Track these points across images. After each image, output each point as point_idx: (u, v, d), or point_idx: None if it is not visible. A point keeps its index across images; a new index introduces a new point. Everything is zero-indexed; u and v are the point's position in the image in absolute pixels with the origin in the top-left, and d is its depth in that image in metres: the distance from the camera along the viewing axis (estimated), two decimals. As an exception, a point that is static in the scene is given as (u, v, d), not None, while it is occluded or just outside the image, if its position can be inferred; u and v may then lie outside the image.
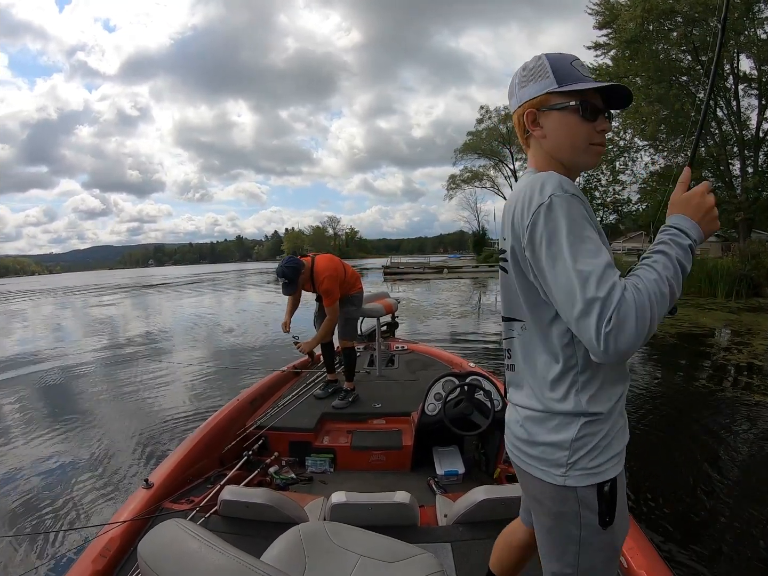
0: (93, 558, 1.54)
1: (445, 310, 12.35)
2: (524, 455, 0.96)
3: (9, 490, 3.27)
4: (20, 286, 52.89)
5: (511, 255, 0.92)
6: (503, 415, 2.47)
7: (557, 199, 0.81)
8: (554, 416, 0.90)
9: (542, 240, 0.81)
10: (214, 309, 16.77)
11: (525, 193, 0.86)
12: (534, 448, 0.94)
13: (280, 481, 2.53)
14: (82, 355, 8.41)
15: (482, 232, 54.37)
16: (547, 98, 0.93)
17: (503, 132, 41.86)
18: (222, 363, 7.43)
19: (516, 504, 1.75)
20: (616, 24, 18.69)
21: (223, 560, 0.75)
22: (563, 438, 0.89)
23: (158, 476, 2.06)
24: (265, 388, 3.39)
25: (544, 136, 0.95)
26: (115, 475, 3.43)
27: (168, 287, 31.83)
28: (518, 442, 0.98)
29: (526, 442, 0.96)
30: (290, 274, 3.03)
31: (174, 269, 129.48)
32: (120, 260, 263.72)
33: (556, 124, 0.93)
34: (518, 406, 1.00)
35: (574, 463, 0.88)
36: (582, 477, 0.88)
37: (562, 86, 0.91)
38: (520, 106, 0.97)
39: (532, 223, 0.82)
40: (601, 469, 0.88)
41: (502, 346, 1.08)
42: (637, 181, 25.44)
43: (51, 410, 5.30)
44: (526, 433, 0.95)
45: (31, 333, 12.68)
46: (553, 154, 0.96)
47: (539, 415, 0.93)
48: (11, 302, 26.09)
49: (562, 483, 0.89)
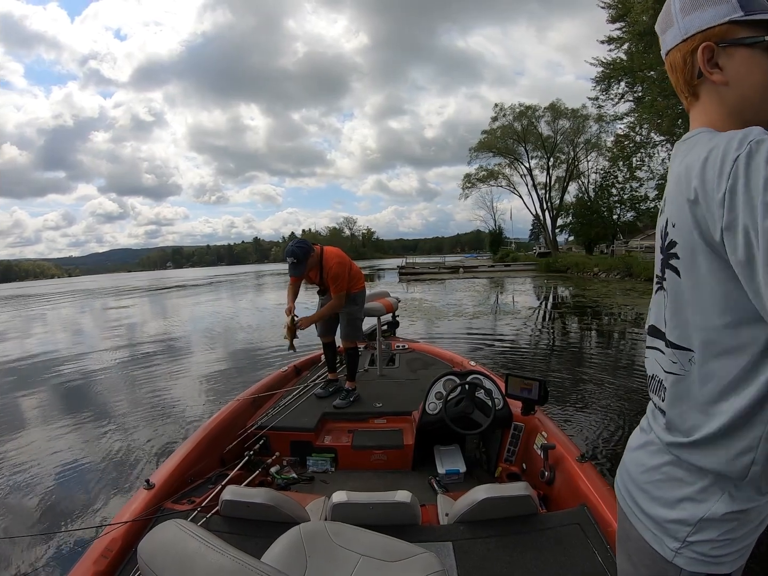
0: (94, 559, 1.55)
1: (457, 310, 12.25)
2: (639, 509, 0.80)
3: (9, 489, 3.31)
4: (39, 290, 53.89)
5: (688, 248, 0.66)
6: (504, 413, 2.54)
7: (764, 144, 0.56)
8: (699, 480, 0.72)
9: (753, 197, 0.54)
10: (229, 310, 16.85)
11: (710, 158, 0.61)
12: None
13: (281, 481, 2.54)
14: (98, 355, 8.55)
15: (499, 231, 54.02)
16: (730, 29, 0.68)
17: (518, 130, 41.45)
18: (227, 363, 7.46)
19: (517, 503, 1.76)
20: (629, 17, 18.41)
21: (222, 560, 0.75)
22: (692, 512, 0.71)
23: (159, 476, 2.07)
24: (266, 387, 3.40)
25: (726, 83, 0.70)
26: (118, 475, 3.46)
27: (186, 289, 32.27)
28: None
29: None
30: (300, 254, 2.97)
31: (192, 271, 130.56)
32: (138, 263, 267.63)
33: (746, 66, 0.68)
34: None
35: (693, 543, 0.71)
36: (695, 562, 0.71)
37: (750, 14, 0.67)
38: (685, 40, 0.71)
39: (730, 188, 0.57)
40: (721, 560, 0.70)
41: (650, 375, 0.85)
42: (654, 178, 25.07)
43: (62, 409, 5.41)
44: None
45: (59, 335, 12.93)
46: (738, 109, 0.71)
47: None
48: (31, 306, 26.69)
49: (670, 558, 0.73)
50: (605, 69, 21.99)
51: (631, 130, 23.13)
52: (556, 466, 2.16)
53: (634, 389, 5.00)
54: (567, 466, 2.08)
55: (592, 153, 38.17)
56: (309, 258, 3.03)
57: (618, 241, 35.47)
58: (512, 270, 32.84)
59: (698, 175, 0.62)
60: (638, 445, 0.83)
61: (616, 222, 34.81)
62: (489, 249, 57.41)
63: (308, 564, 1.22)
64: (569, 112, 39.05)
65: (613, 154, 27.98)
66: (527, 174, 42.68)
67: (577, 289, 18.31)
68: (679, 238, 0.67)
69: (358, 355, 3.56)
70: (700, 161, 0.63)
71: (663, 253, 0.74)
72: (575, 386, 5.27)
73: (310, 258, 3.05)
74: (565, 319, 11.03)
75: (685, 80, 0.74)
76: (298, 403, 3.19)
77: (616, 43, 20.95)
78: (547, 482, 2.15)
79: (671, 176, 0.72)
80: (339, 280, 3.13)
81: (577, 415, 4.31)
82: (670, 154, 4.89)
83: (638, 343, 7.75)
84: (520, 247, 57.35)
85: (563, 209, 39.99)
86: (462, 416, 2.51)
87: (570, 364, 6.40)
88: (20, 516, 2.97)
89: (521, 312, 11.88)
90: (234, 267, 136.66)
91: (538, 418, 2.52)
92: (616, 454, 3.51)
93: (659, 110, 18.78)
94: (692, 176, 0.63)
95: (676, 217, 0.68)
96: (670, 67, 0.76)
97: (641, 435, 0.84)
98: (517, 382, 2.53)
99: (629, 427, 4.01)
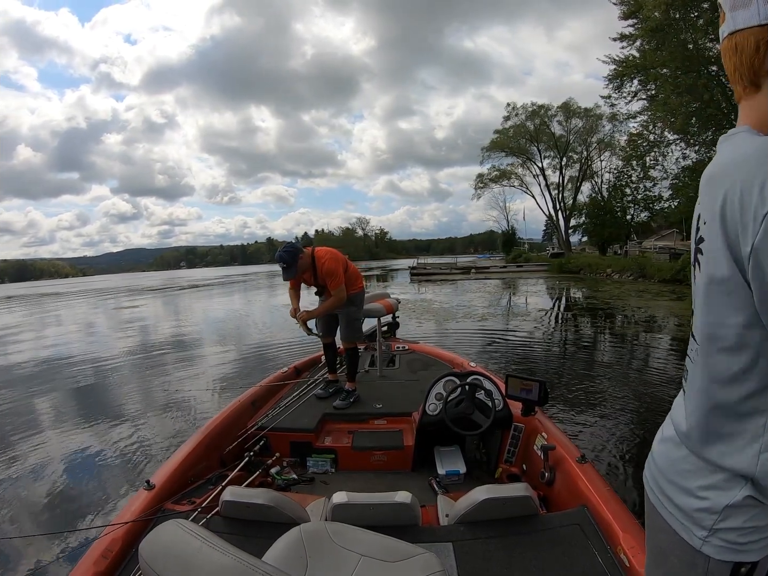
0: (95, 559, 1.55)
1: (466, 312, 12.18)
2: (668, 500, 0.80)
3: (11, 489, 3.34)
4: (54, 288, 54.70)
5: (712, 248, 0.65)
6: (504, 414, 2.52)
7: None
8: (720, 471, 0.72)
9: None
10: (245, 309, 17.06)
11: (749, 168, 0.59)
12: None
13: (281, 482, 2.54)
14: (112, 352, 8.70)
15: (511, 232, 53.75)
16: None
17: (530, 129, 41.20)
18: (241, 359, 7.52)
19: (517, 504, 1.76)
20: (641, 13, 18.16)
21: (224, 560, 0.76)
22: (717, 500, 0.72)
23: (159, 477, 2.08)
24: (266, 388, 3.41)
25: None
26: (120, 475, 3.49)
27: (200, 289, 32.63)
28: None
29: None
30: (288, 258, 3.00)
31: (206, 271, 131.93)
32: (152, 262, 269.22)
33: None
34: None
35: (719, 531, 0.71)
36: (723, 550, 0.71)
37: None
38: (762, 26, 0.63)
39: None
40: (748, 548, 0.70)
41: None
42: (668, 177, 24.77)
43: (76, 406, 5.51)
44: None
45: (73, 334, 13.13)
46: None
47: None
48: (46, 304, 27.13)
49: (698, 547, 0.73)
50: (617, 67, 21.75)
51: (645, 128, 22.88)
52: (556, 466, 2.16)
53: (645, 393, 4.96)
54: (567, 467, 2.07)
55: (605, 152, 37.92)
56: (298, 260, 3.05)
57: (631, 241, 35.11)
58: (524, 271, 32.57)
59: (733, 183, 0.60)
60: (665, 436, 0.85)
61: (630, 222, 34.49)
62: (502, 249, 57.08)
63: (309, 564, 1.23)
64: (582, 111, 38.77)
65: (626, 153, 27.68)
66: (540, 174, 42.52)
67: (589, 290, 18.14)
68: (706, 236, 0.66)
69: (358, 356, 3.56)
70: (735, 166, 0.62)
71: (694, 245, 0.73)
72: (585, 388, 5.24)
73: (301, 260, 3.07)
74: (574, 322, 10.92)
75: (751, 67, 0.66)
76: (299, 403, 3.20)
77: (629, 40, 20.71)
78: (547, 483, 2.15)
79: (707, 172, 0.70)
80: (334, 275, 3.14)
81: (587, 417, 4.28)
82: (685, 154, 4.53)
83: (650, 346, 7.68)
84: (533, 248, 56.92)
85: (576, 209, 39.68)
86: (462, 417, 2.51)
87: (579, 368, 6.35)
88: (20, 516, 3.00)
89: (531, 314, 11.77)
90: (247, 267, 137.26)
91: (538, 419, 2.52)
92: (626, 457, 3.50)
93: (672, 108, 18.55)
94: (726, 181, 0.61)
95: (707, 215, 0.66)
96: (732, 48, 0.68)
97: (668, 426, 0.85)
98: (517, 383, 2.53)
99: (639, 428, 3.98)
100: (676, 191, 22.80)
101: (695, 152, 21.51)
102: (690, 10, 17.10)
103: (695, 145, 21.10)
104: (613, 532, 1.60)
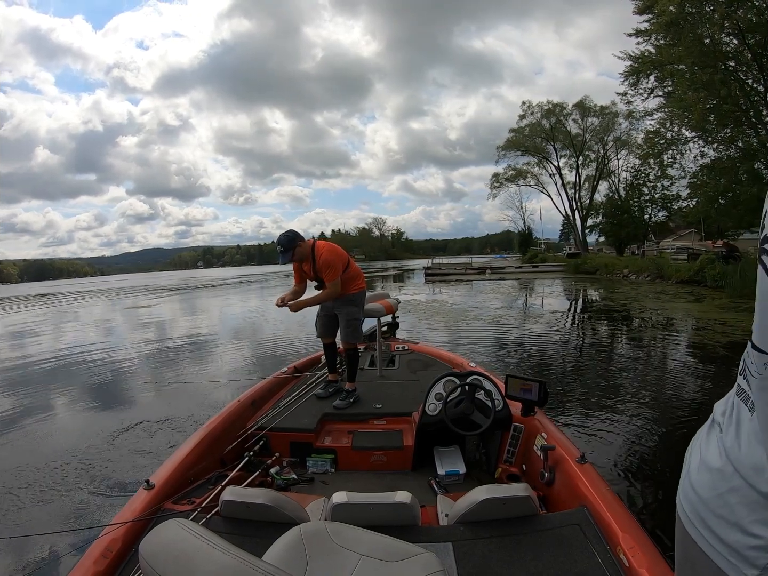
0: (95, 559, 1.56)
1: (477, 314, 12.04)
2: (713, 534, 0.71)
3: (10, 488, 3.35)
4: (75, 287, 55.53)
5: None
6: (504, 414, 2.51)
7: None
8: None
9: None
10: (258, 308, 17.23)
11: None
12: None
13: (281, 482, 2.55)
14: (125, 349, 8.85)
15: (528, 232, 53.40)
16: None
17: (546, 128, 40.79)
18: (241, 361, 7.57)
19: (517, 504, 1.75)
20: (656, 8, 17.80)
21: (224, 559, 0.76)
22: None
23: (159, 477, 2.08)
24: (266, 388, 3.43)
25: None
26: (121, 475, 3.50)
27: (217, 288, 32.91)
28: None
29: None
30: (285, 242, 3.06)
31: (223, 270, 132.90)
32: (170, 262, 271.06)
33: None
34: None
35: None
36: None
37: None
38: None
39: None
40: None
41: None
42: (686, 176, 24.30)
43: (78, 403, 5.62)
44: None
45: (92, 331, 13.34)
46: None
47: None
48: (65, 302, 27.67)
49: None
50: (633, 63, 21.40)
51: (662, 126, 22.44)
52: (555, 467, 2.15)
53: (663, 399, 4.88)
54: (567, 467, 2.06)
55: (622, 151, 37.39)
56: (296, 246, 3.09)
57: (649, 241, 34.53)
58: (540, 271, 32.23)
59: None
60: (709, 465, 0.73)
61: (648, 222, 33.96)
62: (518, 250, 56.68)
63: (308, 564, 1.23)
64: (598, 109, 38.26)
65: (643, 151, 27.19)
66: (556, 173, 42.10)
67: (605, 291, 17.89)
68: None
69: (358, 356, 3.57)
70: None
71: (759, 244, 0.64)
72: (594, 391, 5.20)
73: (299, 247, 3.11)
74: (589, 325, 10.76)
75: None
76: (298, 403, 3.21)
77: (644, 36, 20.34)
78: (546, 483, 2.14)
79: None
80: (330, 267, 3.15)
81: (595, 419, 4.25)
82: (703, 152, 4.35)
83: (666, 349, 7.59)
84: (550, 248, 56.27)
85: (593, 209, 39.24)
86: (462, 417, 2.51)
87: (590, 371, 6.29)
88: (21, 516, 3.00)
89: (544, 316, 11.61)
90: (264, 267, 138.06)
91: (537, 419, 2.50)
92: (628, 458, 3.48)
93: (689, 104, 18.13)
94: None
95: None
96: None
97: (712, 452, 0.73)
98: (517, 383, 2.53)
99: (648, 432, 3.94)
100: (695, 190, 22.27)
101: (714, 150, 21.03)
102: (705, 4, 16.69)
103: (713, 143, 20.59)
104: (612, 532, 1.59)
